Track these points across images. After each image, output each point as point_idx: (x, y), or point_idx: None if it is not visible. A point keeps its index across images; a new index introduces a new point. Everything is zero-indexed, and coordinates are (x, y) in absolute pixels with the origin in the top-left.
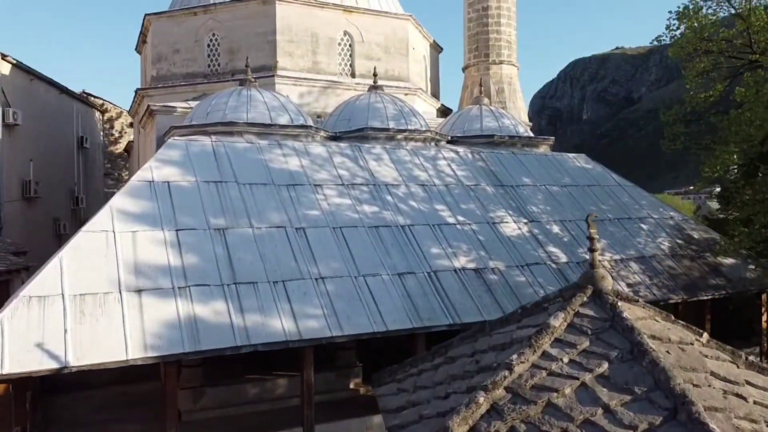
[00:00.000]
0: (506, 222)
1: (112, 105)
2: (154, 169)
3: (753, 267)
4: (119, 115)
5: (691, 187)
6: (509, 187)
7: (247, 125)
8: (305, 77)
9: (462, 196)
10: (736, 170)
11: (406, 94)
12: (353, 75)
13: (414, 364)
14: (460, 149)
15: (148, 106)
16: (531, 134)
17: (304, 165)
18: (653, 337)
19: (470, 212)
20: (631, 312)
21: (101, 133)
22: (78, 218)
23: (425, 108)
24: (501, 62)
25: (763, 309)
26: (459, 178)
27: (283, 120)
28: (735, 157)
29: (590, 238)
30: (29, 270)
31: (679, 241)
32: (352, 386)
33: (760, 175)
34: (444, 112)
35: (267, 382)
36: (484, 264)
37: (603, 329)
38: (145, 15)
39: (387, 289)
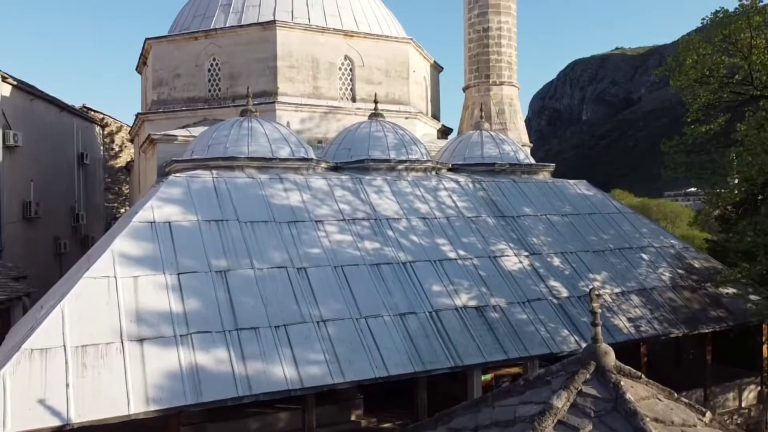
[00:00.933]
0: (507, 255)
1: (112, 119)
2: (155, 209)
3: (754, 298)
4: (119, 129)
5: (691, 189)
6: (510, 217)
7: (248, 159)
8: (306, 103)
9: (463, 228)
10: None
11: (406, 118)
12: (354, 99)
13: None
14: (461, 178)
15: (149, 135)
16: (532, 160)
17: (305, 200)
18: (656, 420)
19: (471, 246)
20: (634, 391)
21: (101, 147)
22: (78, 235)
23: (426, 130)
24: (502, 83)
25: (764, 338)
26: (460, 209)
27: (284, 152)
28: (735, 192)
29: (593, 312)
30: (30, 296)
31: (680, 271)
32: (353, 418)
33: (762, 211)
34: (444, 132)
35: (268, 416)
36: (486, 301)
37: (606, 411)
38: (146, 39)
39: (389, 331)
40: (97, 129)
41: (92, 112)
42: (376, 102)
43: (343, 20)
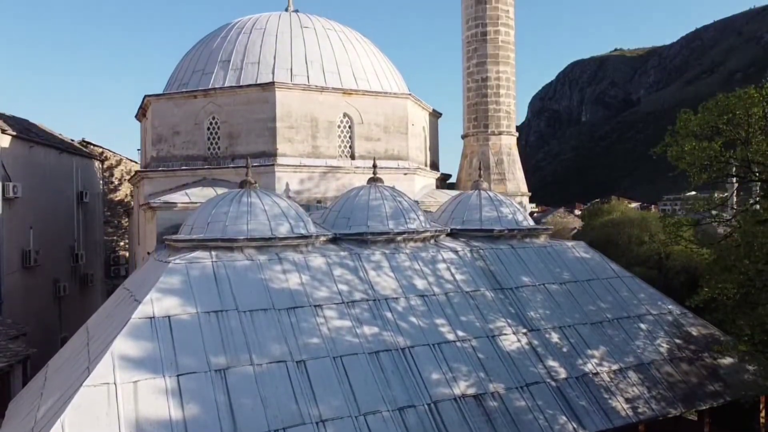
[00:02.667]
0: (505, 333)
1: (111, 153)
2: (155, 302)
3: (751, 367)
4: (119, 163)
5: (691, 193)
6: (508, 290)
7: (247, 240)
8: (305, 164)
9: (461, 305)
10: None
11: (405, 174)
12: (353, 156)
13: None
14: (459, 247)
15: (150, 203)
16: (530, 222)
17: (304, 282)
18: None
19: (470, 325)
20: None
21: (101, 181)
22: (77, 274)
23: (425, 182)
24: (500, 133)
25: (761, 406)
26: (458, 283)
27: (284, 229)
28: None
29: None
30: (30, 357)
31: (677, 341)
32: None
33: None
34: (443, 179)
35: None
36: (484, 388)
37: None
38: (145, 96)
39: (387, 428)
40: (97, 164)
41: (91, 146)
42: (375, 166)
43: (342, 76)
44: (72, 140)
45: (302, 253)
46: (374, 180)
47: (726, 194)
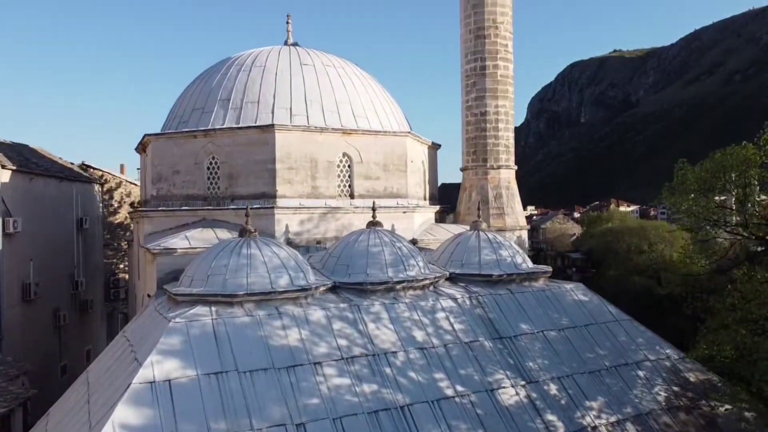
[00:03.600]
0: (504, 387)
1: (111, 175)
2: (155, 365)
3: (750, 415)
4: (118, 185)
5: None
6: (507, 339)
7: (246, 295)
8: (305, 206)
9: (460, 357)
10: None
11: (404, 212)
12: (352, 195)
13: None
14: (458, 294)
15: (149, 248)
16: (529, 263)
17: (303, 337)
18: None
19: (469, 378)
20: None
21: (100, 204)
22: (77, 301)
23: (425, 218)
24: (499, 167)
25: None
26: (457, 333)
27: (283, 281)
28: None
29: None
30: (31, 400)
31: (675, 388)
32: None
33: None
34: (443, 212)
35: None
36: None
37: None
38: (145, 135)
39: None
40: (96, 188)
41: (91, 170)
42: (374, 209)
43: (342, 115)
44: (72, 164)
45: (301, 306)
46: (373, 224)
47: (724, 197)
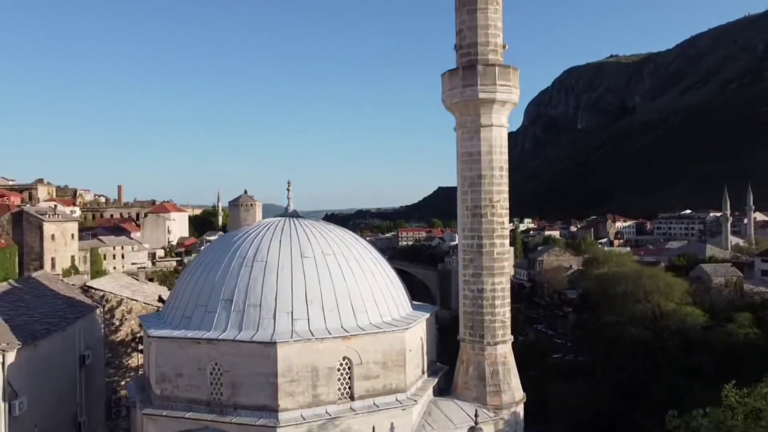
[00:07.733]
0: None
1: (112, 294)
2: None
3: None
4: (119, 304)
5: (686, 212)
6: None
7: None
8: (305, 417)
9: None
10: None
11: (403, 409)
12: (352, 397)
13: None
14: None
15: None
16: None
17: None
18: None
19: None
20: None
21: (102, 326)
22: None
23: (422, 405)
24: (496, 343)
25: None
26: None
27: None
28: None
29: None
30: None
31: None
32: None
33: None
34: (440, 388)
35: None
36: None
37: None
38: (147, 335)
39: None
40: (98, 311)
41: (93, 290)
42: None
43: (342, 313)
44: (73, 285)
45: None
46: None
47: None
